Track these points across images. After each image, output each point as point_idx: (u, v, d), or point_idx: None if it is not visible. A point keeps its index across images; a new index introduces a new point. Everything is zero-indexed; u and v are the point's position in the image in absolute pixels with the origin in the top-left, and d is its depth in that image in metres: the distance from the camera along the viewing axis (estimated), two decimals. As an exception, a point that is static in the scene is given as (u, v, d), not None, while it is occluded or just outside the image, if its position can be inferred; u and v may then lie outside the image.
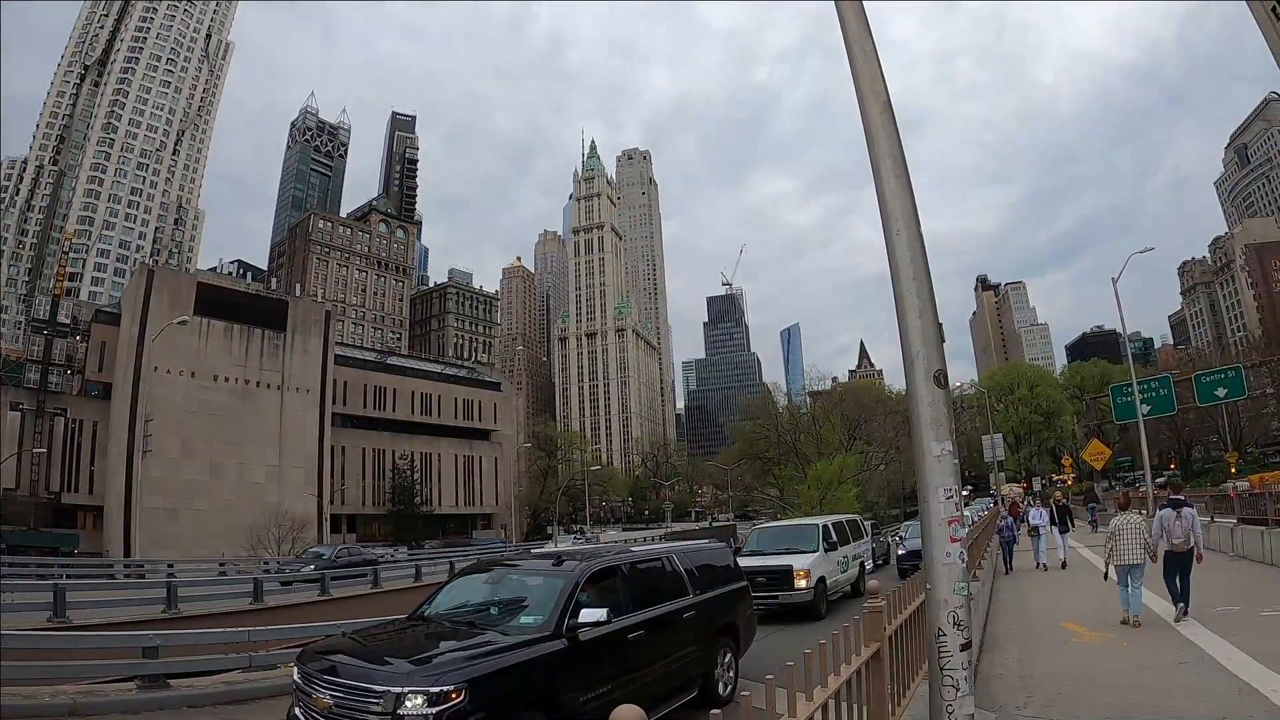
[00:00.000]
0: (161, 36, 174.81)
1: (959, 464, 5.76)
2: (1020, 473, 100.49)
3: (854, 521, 27.74)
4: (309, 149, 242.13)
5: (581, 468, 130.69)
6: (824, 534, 22.06)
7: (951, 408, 6.06)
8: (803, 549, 21.15)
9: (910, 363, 5.58)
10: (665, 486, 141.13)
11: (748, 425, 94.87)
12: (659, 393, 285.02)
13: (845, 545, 23.80)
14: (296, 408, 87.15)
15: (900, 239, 5.79)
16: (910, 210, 5.88)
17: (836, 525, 23.94)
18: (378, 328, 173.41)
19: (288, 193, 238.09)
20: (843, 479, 60.91)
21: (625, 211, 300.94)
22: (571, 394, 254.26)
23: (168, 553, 53.68)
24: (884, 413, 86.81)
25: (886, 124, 6.06)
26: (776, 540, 23.05)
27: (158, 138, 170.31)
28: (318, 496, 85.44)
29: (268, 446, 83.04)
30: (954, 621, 5.40)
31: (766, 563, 20.33)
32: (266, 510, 67.11)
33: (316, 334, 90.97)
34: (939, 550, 5.49)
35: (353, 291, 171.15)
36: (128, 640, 14.17)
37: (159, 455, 60.81)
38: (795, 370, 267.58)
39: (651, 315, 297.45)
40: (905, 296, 5.70)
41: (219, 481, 77.94)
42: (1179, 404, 44.17)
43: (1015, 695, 9.43)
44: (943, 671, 5.39)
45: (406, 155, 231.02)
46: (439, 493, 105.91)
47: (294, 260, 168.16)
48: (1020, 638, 13.24)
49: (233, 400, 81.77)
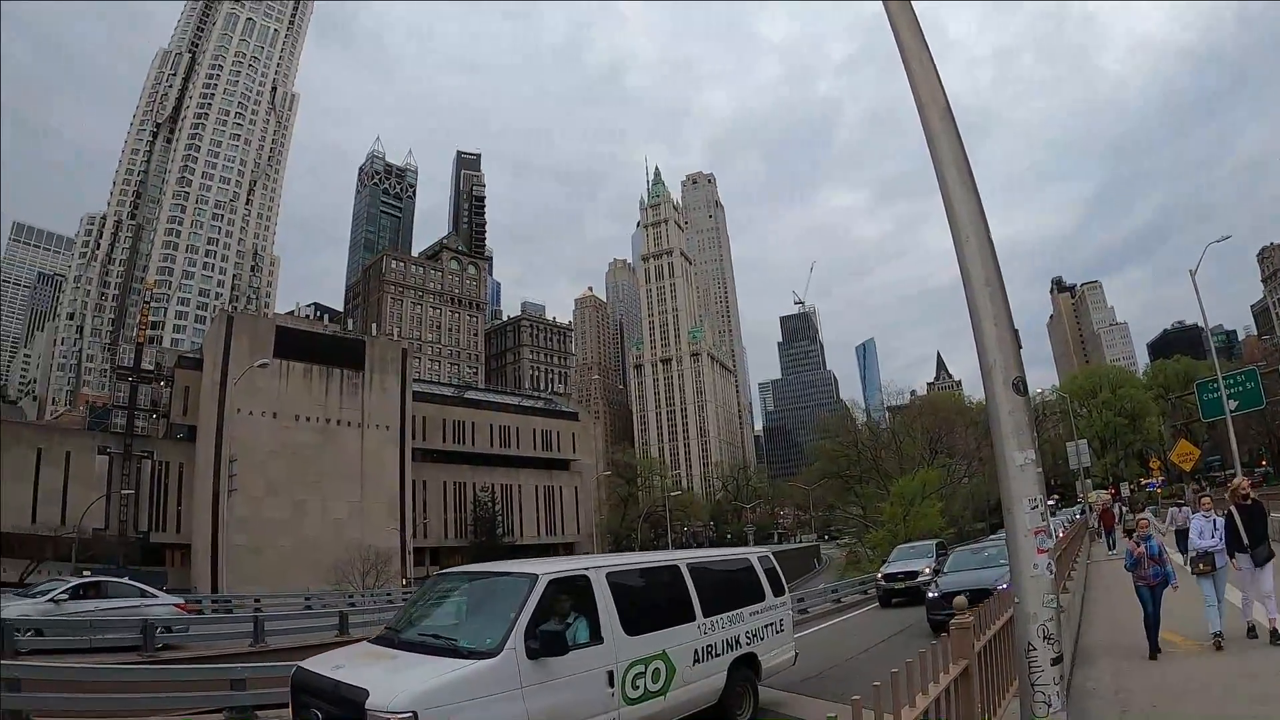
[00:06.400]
0: (228, 92, 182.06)
1: (1042, 473, 5.68)
2: (1107, 479, 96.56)
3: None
4: (378, 192, 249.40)
5: (662, 493, 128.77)
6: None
7: (1032, 415, 5.97)
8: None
9: (988, 371, 5.60)
10: (747, 509, 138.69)
11: (827, 444, 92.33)
12: (736, 415, 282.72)
13: None
14: (377, 444, 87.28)
15: (970, 245, 5.80)
16: (978, 215, 5.87)
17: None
18: (454, 363, 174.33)
19: (360, 235, 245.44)
20: (926, 494, 58.92)
21: (693, 235, 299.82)
22: (649, 420, 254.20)
23: (253, 588, 53.20)
24: (964, 424, 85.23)
25: (947, 130, 6.07)
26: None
27: (230, 188, 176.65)
28: (400, 530, 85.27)
29: (349, 483, 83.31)
30: (1044, 635, 5.41)
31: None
32: (349, 545, 66.90)
33: (394, 371, 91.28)
34: (1025, 563, 5.52)
35: (428, 328, 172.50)
36: (215, 673, 14.18)
37: (243, 494, 60.72)
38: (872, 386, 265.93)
39: (725, 338, 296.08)
40: (979, 304, 5.69)
41: (302, 518, 78.19)
42: (1267, 397, 41.06)
43: (1109, 710, 9.10)
44: (1034, 687, 5.41)
45: (474, 192, 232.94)
46: (520, 523, 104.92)
47: (369, 300, 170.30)
48: (1112, 650, 12.77)
49: (314, 439, 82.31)
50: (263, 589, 50.76)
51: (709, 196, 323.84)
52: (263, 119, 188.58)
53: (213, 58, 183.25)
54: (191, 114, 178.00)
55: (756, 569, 12.68)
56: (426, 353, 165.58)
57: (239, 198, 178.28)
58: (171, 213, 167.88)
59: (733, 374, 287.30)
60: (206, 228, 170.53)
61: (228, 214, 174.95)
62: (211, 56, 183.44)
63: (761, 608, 12.04)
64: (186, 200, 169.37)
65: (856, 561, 73.06)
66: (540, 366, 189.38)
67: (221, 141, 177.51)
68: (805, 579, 74.16)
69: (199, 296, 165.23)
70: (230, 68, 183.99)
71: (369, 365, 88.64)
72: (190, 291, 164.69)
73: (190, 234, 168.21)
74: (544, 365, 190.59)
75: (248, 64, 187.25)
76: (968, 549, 25.91)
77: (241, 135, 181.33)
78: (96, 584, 24.43)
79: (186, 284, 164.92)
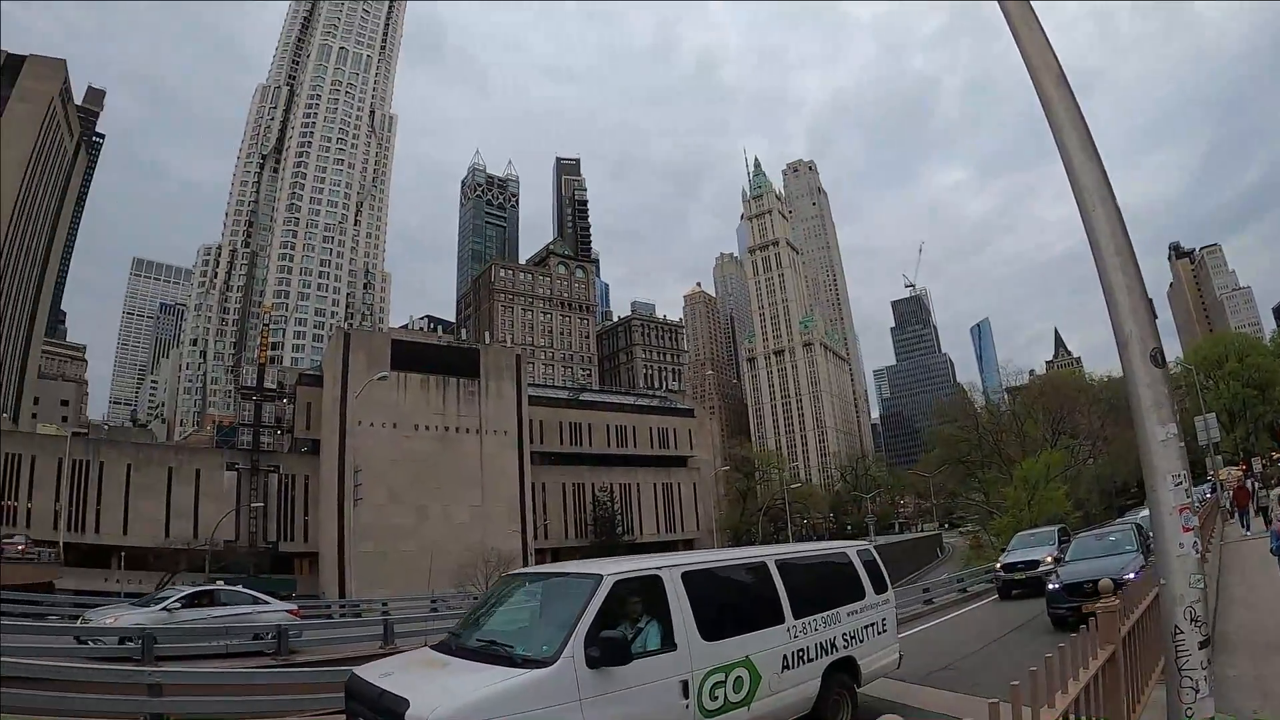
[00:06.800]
0: (328, 120, 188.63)
1: (1184, 447, 5.48)
2: (1237, 454, 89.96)
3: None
4: (481, 203, 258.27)
5: (780, 486, 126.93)
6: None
7: (1172, 387, 5.77)
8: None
9: (1124, 344, 5.36)
10: (866, 499, 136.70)
11: (946, 429, 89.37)
12: (852, 404, 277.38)
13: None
14: (495, 449, 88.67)
15: (1097, 214, 5.55)
16: (1102, 182, 5.61)
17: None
18: (568, 366, 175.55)
19: (467, 247, 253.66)
20: (1050, 477, 55.97)
21: (798, 224, 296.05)
22: (764, 413, 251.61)
23: (379, 592, 54.26)
24: (1086, 402, 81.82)
25: (1063, 96, 5.80)
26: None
27: (338, 211, 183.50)
28: (521, 532, 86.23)
29: (470, 488, 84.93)
30: (1190, 617, 5.20)
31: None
32: (472, 548, 67.52)
33: (509, 377, 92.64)
34: (1170, 541, 5.31)
35: (540, 334, 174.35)
36: (342, 675, 13.41)
37: (367, 503, 62.59)
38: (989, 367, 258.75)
39: (837, 326, 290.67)
40: (1110, 274, 5.45)
41: (425, 524, 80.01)
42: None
43: (1250, 698, 8.48)
44: (1181, 673, 5.19)
45: (575, 197, 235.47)
46: (639, 521, 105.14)
47: (481, 310, 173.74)
48: (1252, 636, 12.06)
49: (434, 447, 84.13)
50: (389, 593, 51.25)
51: (811, 184, 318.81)
52: (364, 142, 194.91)
53: (310, 89, 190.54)
54: (295, 144, 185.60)
55: (855, 564, 11.60)
56: (540, 357, 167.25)
57: (347, 219, 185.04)
58: (283, 238, 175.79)
59: (846, 362, 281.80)
60: (318, 250, 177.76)
61: (337, 235, 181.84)
62: (309, 88, 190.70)
63: (860, 606, 10.99)
64: (297, 226, 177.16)
65: (980, 548, 70.84)
66: (653, 365, 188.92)
67: (326, 167, 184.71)
68: (928, 569, 72.41)
69: (315, 316, 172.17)
70: (328, 96, 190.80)
71: (484, 372, 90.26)
72: (306, 312, 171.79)
73: (303, 257, 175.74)
74: (657, 363, 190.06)
75: (344, 91, 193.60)
76: (1090, 535, 24.15)
77: (345, 159, 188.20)
78: (209, 592, 24.89)
79: (302, 305, 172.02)
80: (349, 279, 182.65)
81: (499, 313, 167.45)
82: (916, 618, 24.10)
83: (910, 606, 25.46)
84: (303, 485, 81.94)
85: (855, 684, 10.39)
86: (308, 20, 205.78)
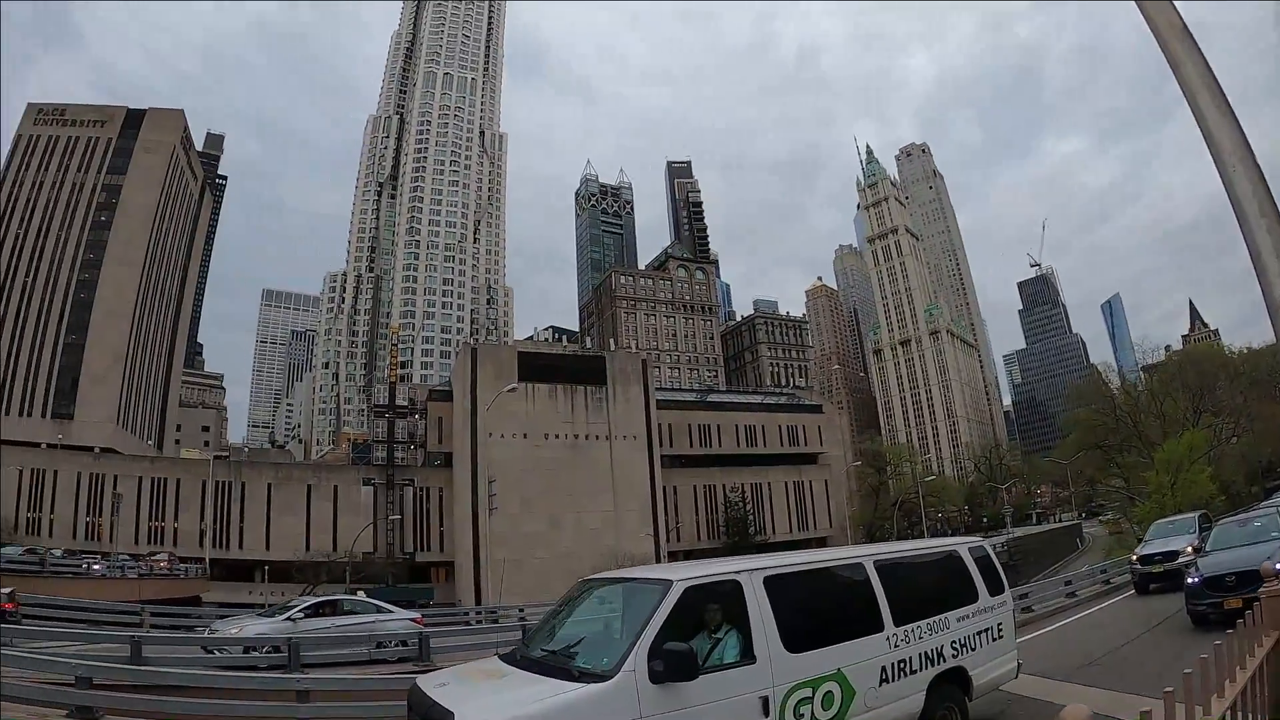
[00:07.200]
0: (440, 144, 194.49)
1: None
2: None
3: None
4: (596, 213, 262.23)
5: (912, 480, 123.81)
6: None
7: None
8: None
9: (1275, 310, 4.87)
10: (1001, 490, 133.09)
11: (1081, 413, 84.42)
12: (983, 392, 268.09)
13: None
14: (625, 454, 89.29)
15: (1238, 175, 5.07)
16: (1241, 142, 5.11)
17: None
18: (693, 368, 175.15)
19: (586, 257, 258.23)
20: (1193, 459, 51.60)
21: (915, 210, 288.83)
22: (894, 406, 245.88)
23: (514, 599, 54.64)
24: (1228, 377, 75.50)
25: (1190, 52, 5.32)
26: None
27: (457, 231, 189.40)
28: (653, 536, 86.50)
29: (601, 493, 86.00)
30: None
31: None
32: (605, 553, 69.41)
33: (636, 382, 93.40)
34: None
35: (664, 338, 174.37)
36: None
37: (501, 511, 64.54)
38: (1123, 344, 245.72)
39: (962, 312, 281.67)
40: (1257, 238, 4.98)
41: (558, 530, 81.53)
42: None
43: None
44: None
45: (689, 199, 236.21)
46: (772, 521, 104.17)
47: (603, 317, 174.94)
48: None
49: (564, 454, 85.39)
50: (524, 600, 51.33)
51: (925, 167, 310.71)
52: (476, 162, 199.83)
53: (419, 115, 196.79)
54: (409, 169, 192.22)
55: (967, 563, 10.32)
56: (665, 361, 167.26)
57: (466, 238, 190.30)
58: (406, 261, 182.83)
59: (975, 349, 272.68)
60: (440, 269, 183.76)
61: (458, 254, 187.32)
62: (418, 115, 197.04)
63: (973, 610, 9.84)
64: (418, 248, 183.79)
65: (1120, 536, 66.97)
66: (779, 362, 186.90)
67: (441, 189, 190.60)
68: (1067, 560, 69.88)
69: (441, 333, 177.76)
70: (437, 121, 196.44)
71: (611, 379, 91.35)
72: (433, 330, 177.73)
73: (426, 277, 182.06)
74: (782, 361, 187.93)
75: (453, 115, 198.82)
76: (1232, 521, 21.87)
77: (459, 180, 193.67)
78: (332, 602, 25.49)
79: (428, 324, 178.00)
80: (472, 295, 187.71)
81: (622, 319, 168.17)
82: (1057, 612, 22.89)
83: (1052, 600, 24.46)
84: (437, 497, 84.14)
85: (966, 697, 9.29)
86: (410, 49, 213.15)
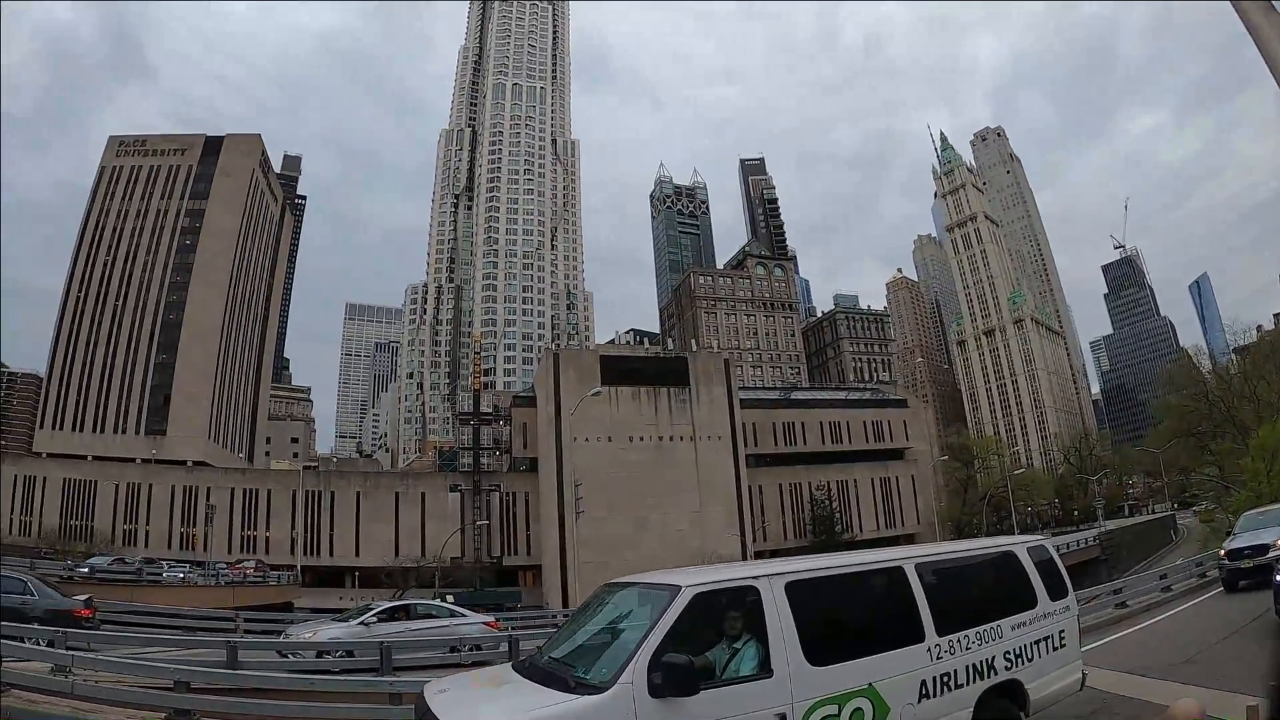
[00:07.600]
0: (513, 154, 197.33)
1: None
2: None
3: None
4: (672, 214, 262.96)
5: (1001, 474, 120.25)
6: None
7: None
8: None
9: None
10: (1092, 482, 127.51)
11: (1172, 399, 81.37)
12: (1070, 380, 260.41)
13: None
14: (710, 455, 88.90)
15: None
16: None
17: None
18: (775, 366, 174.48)
19: (663, 259, 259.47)
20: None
21: (993, 195, 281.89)
22: (979, 397, 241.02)
23: None
24: None
25: (1273, 21, 5.01)
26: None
27: (534, 238, 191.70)
28: (740, 535, 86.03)
29: (687, 494, 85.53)
30: None
31: None
32: (691, 554, 70.22)
33: (719, 382, 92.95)
34: None
35: (745, 336, 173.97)
36: None
37: (587, 514, 63.80)
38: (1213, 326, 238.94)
39: (1046, 298, 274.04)
40: None
41: (644, 532, 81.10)
42: None
43: None
44: None
45: (764, 196, 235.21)
46: (858, 518, 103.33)
47: (683, 318, 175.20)
48: None
49: (649, 456, 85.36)
50: None
51: (1001, 151, 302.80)
52: (549, 170, 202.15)
53: (491, 127, 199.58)
54: (484, 180, 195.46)
55: (1024, 564, 9.38)
56: (747, 360, 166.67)
57: (543, 245, 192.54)
58: (485, 270, 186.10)
59: (1060, 336, 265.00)
60: (519, 277, 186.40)
61: (536, 261, 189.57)
62: (490, 126, 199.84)
63: (1031, 617, 8.95)
64: (496, 256, 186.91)
65: (1213, 526, 62.77)
66: (861, 357, 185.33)
67: (517, 198, 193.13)
68: (1162, 553, 67.34)
69: (523, 340, 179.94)
70: (509, 131, 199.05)
71: (693, 379, 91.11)
72: (514, 337, 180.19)
73: (505, 286, 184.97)
74: (865, 355, 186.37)
75: (524, 124, 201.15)
76: None
77: (534, 189, 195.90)
78: (406, 607, 25.55)
79: (510, 331, 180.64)
80: (551, 301, 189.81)
81: (702, 319, 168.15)
82: (1152, 607, 22.31)
83: (1147, 595, 23.86)
84: (523, 501, 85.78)
85: (1023, 712, 8.48)
86: (478, 63, 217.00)
